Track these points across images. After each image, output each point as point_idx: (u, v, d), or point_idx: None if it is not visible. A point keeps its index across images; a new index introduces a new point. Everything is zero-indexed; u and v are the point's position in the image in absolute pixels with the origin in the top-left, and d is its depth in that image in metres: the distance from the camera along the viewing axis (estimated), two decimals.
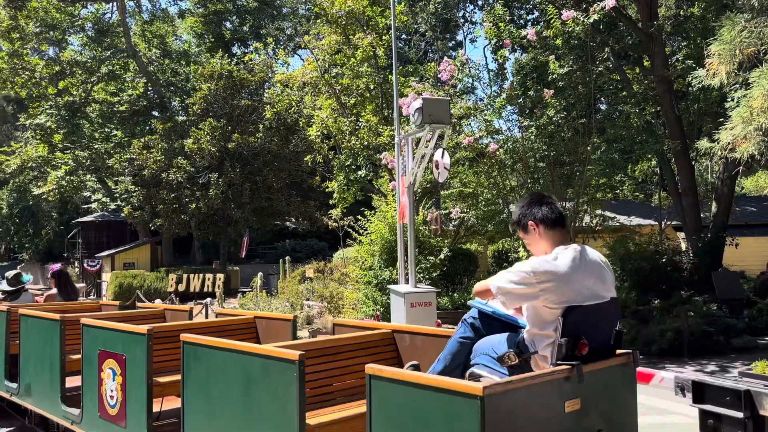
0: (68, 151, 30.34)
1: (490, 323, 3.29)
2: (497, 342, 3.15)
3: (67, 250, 37.96)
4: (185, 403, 3.83)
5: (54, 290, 7.83)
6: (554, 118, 10.94)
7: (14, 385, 5.95)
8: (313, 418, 3.42)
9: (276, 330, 5.04)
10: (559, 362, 2.81)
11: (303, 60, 24.51)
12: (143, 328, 4.22)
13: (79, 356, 4.98)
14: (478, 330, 3.30)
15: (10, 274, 8.32)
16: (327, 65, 18.10)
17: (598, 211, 12.62)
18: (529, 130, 11.30)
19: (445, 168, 8.88)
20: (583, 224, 12.34)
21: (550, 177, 11.69)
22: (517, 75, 15.43)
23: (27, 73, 29.55)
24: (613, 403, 3.05)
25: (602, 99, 15.25)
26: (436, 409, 2.53)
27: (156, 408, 4.35)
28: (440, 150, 9.07)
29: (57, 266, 8.12)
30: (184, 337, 3.91)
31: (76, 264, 33.33)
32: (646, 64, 16.16)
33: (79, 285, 8.82)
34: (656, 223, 18.46)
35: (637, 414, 3.26)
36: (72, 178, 30.22)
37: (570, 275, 2.90)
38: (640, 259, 12.86)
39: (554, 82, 11.53)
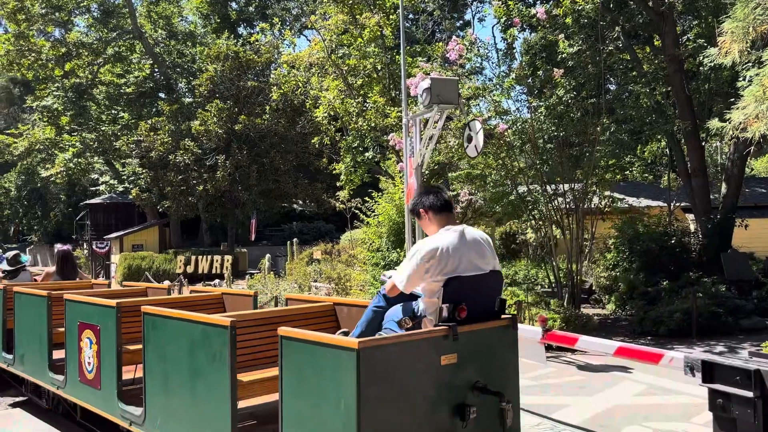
0: (75, 133, 30.34)
1: (399, 294, 3.74)
2: (400, 310, 3.72)
3: (75, 232, 38.16)
4: (146, 367, 4.33)
5: (52, 269, 8.19)
6: (564, 98, 10.83)
7: (10, 357, 6.50)
8: (246, 376, 3.91)
9: (240, 304, 5.48)
10: (440, 323, 3.33)
11: (309, 40, 24.37)
12: (113, 302, 4.70)
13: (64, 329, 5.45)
14: (389, 300, 3.81)
15: (9, 254, 8.72)
16: (334, 45, 17.96)
17: (607, 193, 12.55)
18: (539, 111, 11.21)
19: (482, 136, 8.70)
20: (592, 206, 12.27)
21: (558, 158, 11.61)
22: (526, 55, 15.25)
23: (33, 54, 29.48)
24: (492, 360, 3.54)
25: (611, 79, 15.08)
26: (327, 362, 3.07)
27: (130, 375, 4.82)
28: (475, 122, 8.94)
29: (65, 248, 8.38)
30: (144, 308, 4.40)
31: (85, 246, 33.52)
32: (656, 43, 15.95)
33: (85, 276, 8.89)
34: (665, 204, 18.36)
35: (518, 371, 3.78)
36: (79, 160, 30.27)
37: (449, 252, 3.45)
38: (649, 240, 12.81)
39: (564, 61, 11.40)
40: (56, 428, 5.98)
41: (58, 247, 8.41)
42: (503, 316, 3.63)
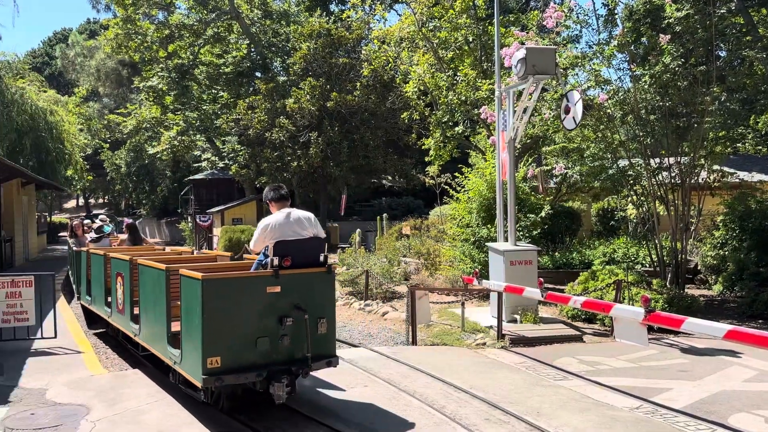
0: (179, 112, 31.87)
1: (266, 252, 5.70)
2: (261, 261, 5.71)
3: (180, 206, 40.28)
4: (140, 299, 6.56)
5: (125, 236, 10.97)
6: (670, 66, 10.16)
7: (89, 298, 9.26)
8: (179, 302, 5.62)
9: (225, 260, 7.41)
10: (272, 269, 5.29)
11: (400, 15, 24.20)
12: (128, 256, 7.11)
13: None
14: (266, 256, 5.58)
15: (94, 225, 11.97)
16: (424, 18, 17.75)
17: (716, 167, 11.73)
18: (642, 80, 10.58)
19: (580, 107, 8.40)
20: (700, 180, 11.54)
21: (663, 130, 10.98)
22: (628, 21, 14.41)
23: (139, 37, 31.11)
24: (311, 293, 5.44)
25: (722, 45, 13.99)
26: (194, 288, 5.10)
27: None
28: (573, 92, 8.62)
29: (129, 220, 10.83)
30: (139, 261, 6.63)
31: (189, 219, 35.30)
32: None
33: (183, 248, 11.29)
34: None
35: (333, 301, 5.75)
36: (183, 138, 31.81)
37: (276, 226, 5.53)
38: (762, 217, 11.91)
39: (670, 26, 10.69)
40: (165, 390, 6.37)
41: (126, 220, 11.07)
42: (326, 266, 5.58)
